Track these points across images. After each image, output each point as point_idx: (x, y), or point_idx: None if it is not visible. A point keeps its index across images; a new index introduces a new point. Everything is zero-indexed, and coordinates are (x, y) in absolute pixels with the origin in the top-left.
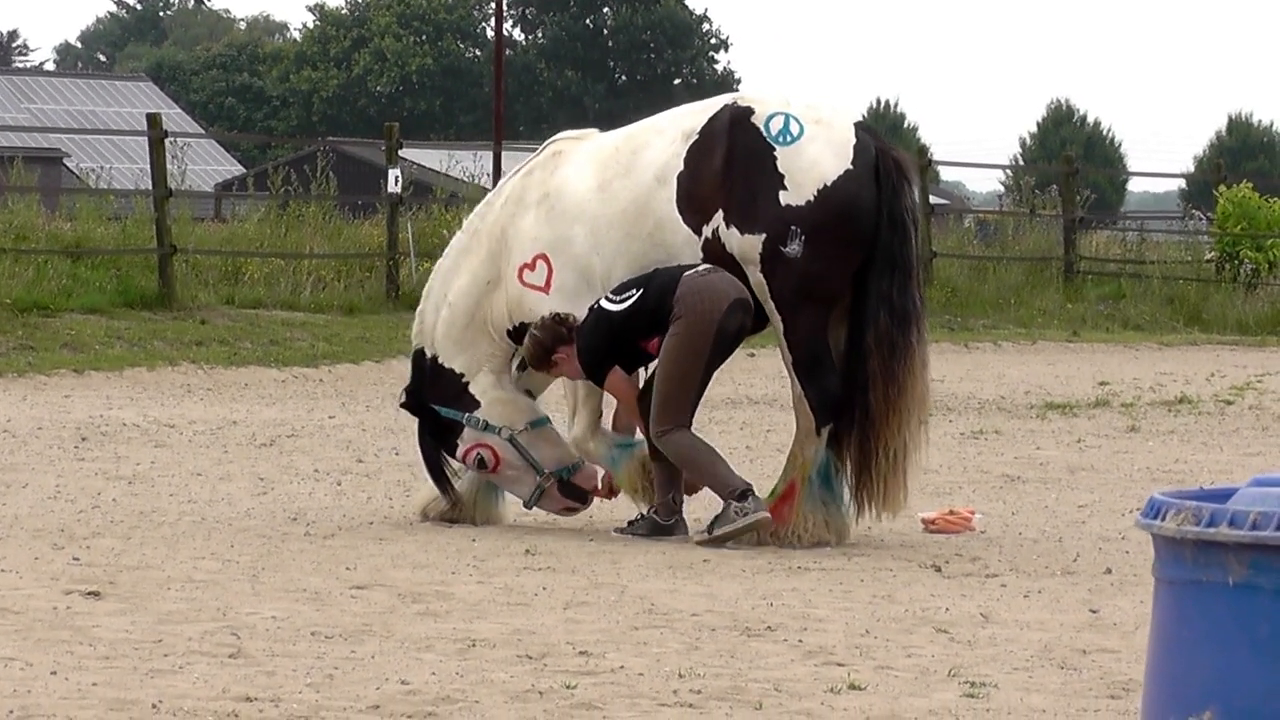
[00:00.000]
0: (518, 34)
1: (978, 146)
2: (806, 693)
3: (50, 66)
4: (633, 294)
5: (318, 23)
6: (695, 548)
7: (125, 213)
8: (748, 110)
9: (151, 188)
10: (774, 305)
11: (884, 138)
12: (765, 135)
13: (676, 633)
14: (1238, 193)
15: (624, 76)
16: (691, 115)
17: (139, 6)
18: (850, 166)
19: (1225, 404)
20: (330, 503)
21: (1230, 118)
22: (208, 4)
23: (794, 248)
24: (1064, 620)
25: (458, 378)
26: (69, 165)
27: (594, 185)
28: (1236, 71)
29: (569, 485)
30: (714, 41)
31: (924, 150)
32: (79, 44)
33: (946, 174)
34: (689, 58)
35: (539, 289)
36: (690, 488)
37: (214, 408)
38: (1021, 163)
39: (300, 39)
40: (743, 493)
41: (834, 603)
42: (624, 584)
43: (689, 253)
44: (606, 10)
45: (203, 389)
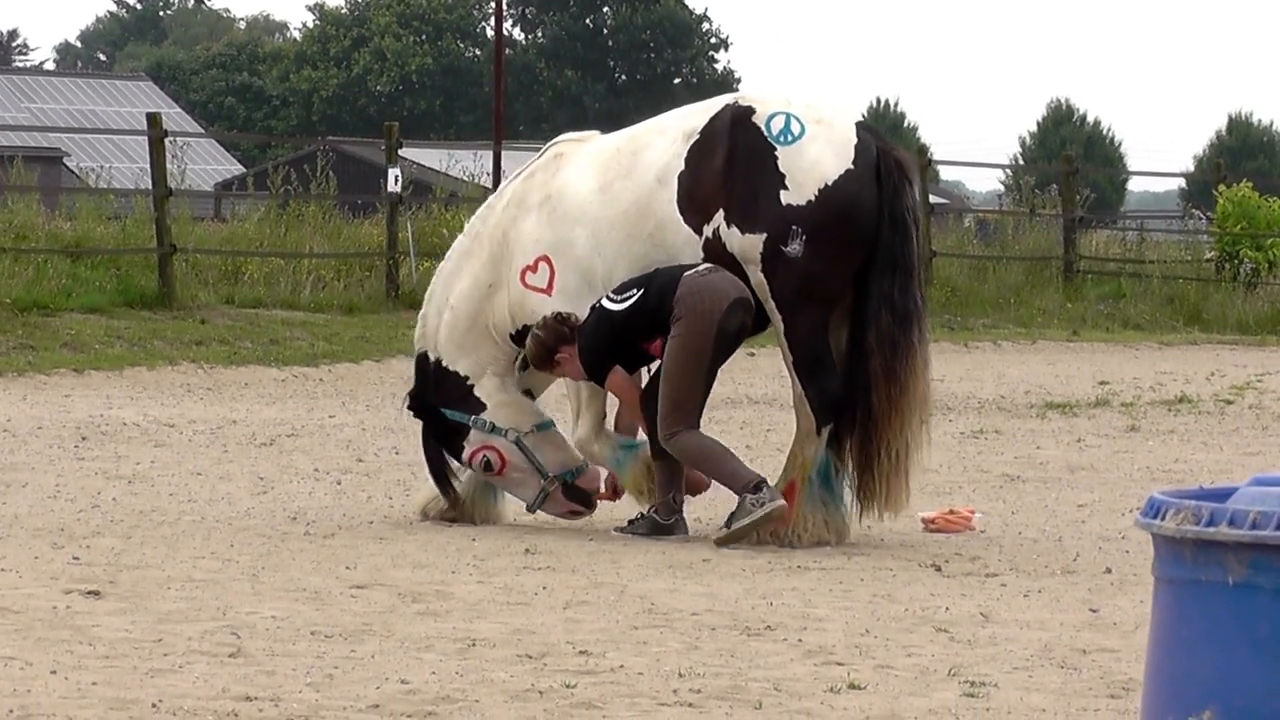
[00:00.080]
0: (517, 33)
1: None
2: (806, 692)
3: (50, 66)
4: (633, 294)
5: (317, 22)
6: (695, 547)
7: (125, 212)
8: (749, 110)
9: (151, 187)
10: (775, 305)
11: (884, 137)
12: (766, 135)
13: (676, 632)
14: (1237, 192)
15: (624, 76)
16: (692, 116)
17: (139, 6)
18: (851, 166)
19: (1225, 403)
20: (330, 502)
21: (1230, 117)
22: (207, 3)
23: (795, 247)
24: (1064, 620)
25: (462, 380)
26: (69, 165)
27: (595, 187)
28: (1236, 71)
29: (573, 489)
30: (714, 41)
31: (924, 150)
32: (79, 43)
33: (946, 173)
34: (689, 57)
35: (541, 291)
36: (694, 489)
37: (214, 407)
38: (1021, 162)
39: (300, 38)
40: (756, 485)
41: (834, 602)
42: (624, 583)
43: (690, 253)
44: (606, 10)
45: (203, 388)
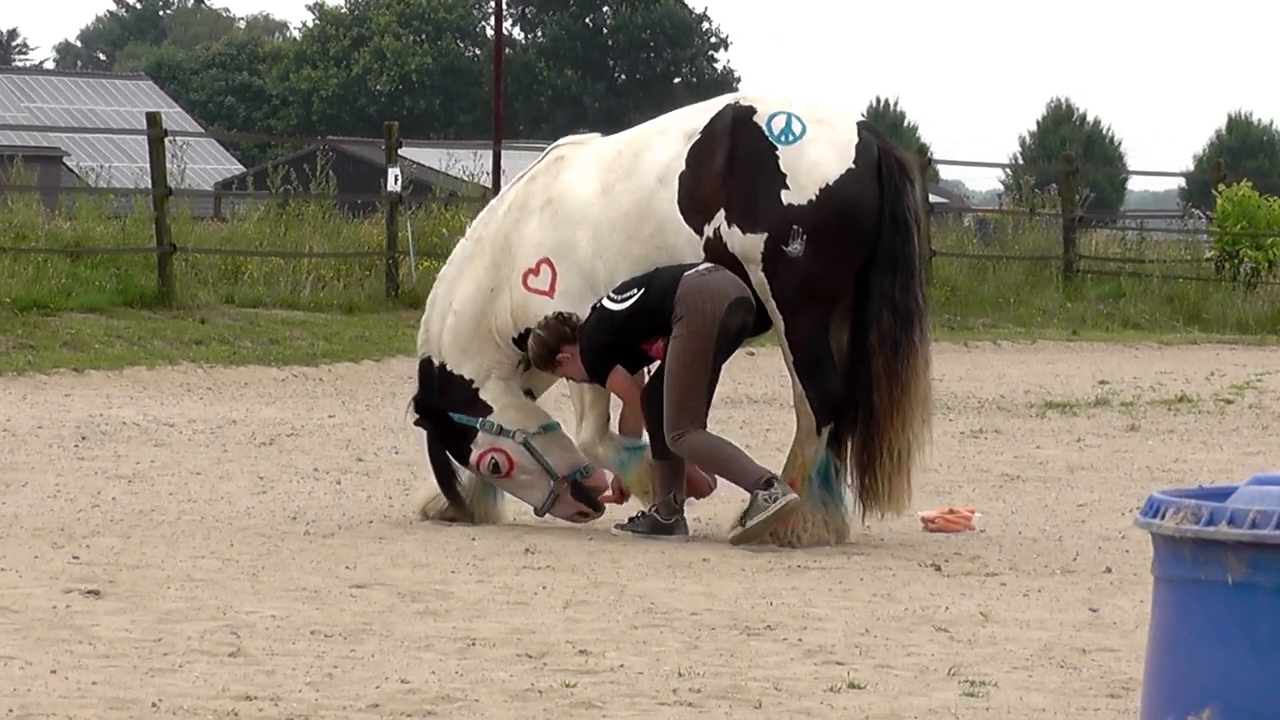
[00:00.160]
0: (517, 33)
1: (977, 145)
2: (806, 692)
3: (50, 65)
4: (634, 293)
5: (317, 22)
6: (695, 547)
7: (125, 212)
8: (750, 110)
9: (151, 187)
10: (776, 305)
11: (885, 137)
12: (767, 135)
13: (676, 632)
14: (1237, 191)
15: (623, 76)
16: (693, 116)
17: (139, 5)
18: (852, 166)
19: (1225, 403)
20: (330, 502)
21: (1230, 116)
22: (207, 3)
23: (796, 247)
24: (1064, 619)
25: (467, 384)
26: (69, 164)
27: (597, 189)
28: (1236, 71)
29: (581, 489)
30: (714, 40)
31: (923, 149)
32: (79, 43)
33: (946, 173)
34: (688, 57)
35: (544, 294)
36: (697, 491)
37: (214, 406)
38: (1021, 162)
39: (300, 38)
40: (768, 480)
41: (833, 602)
42: (623, 583)
43: (691, 253)
44: (606, 9)
45: (202, 388)
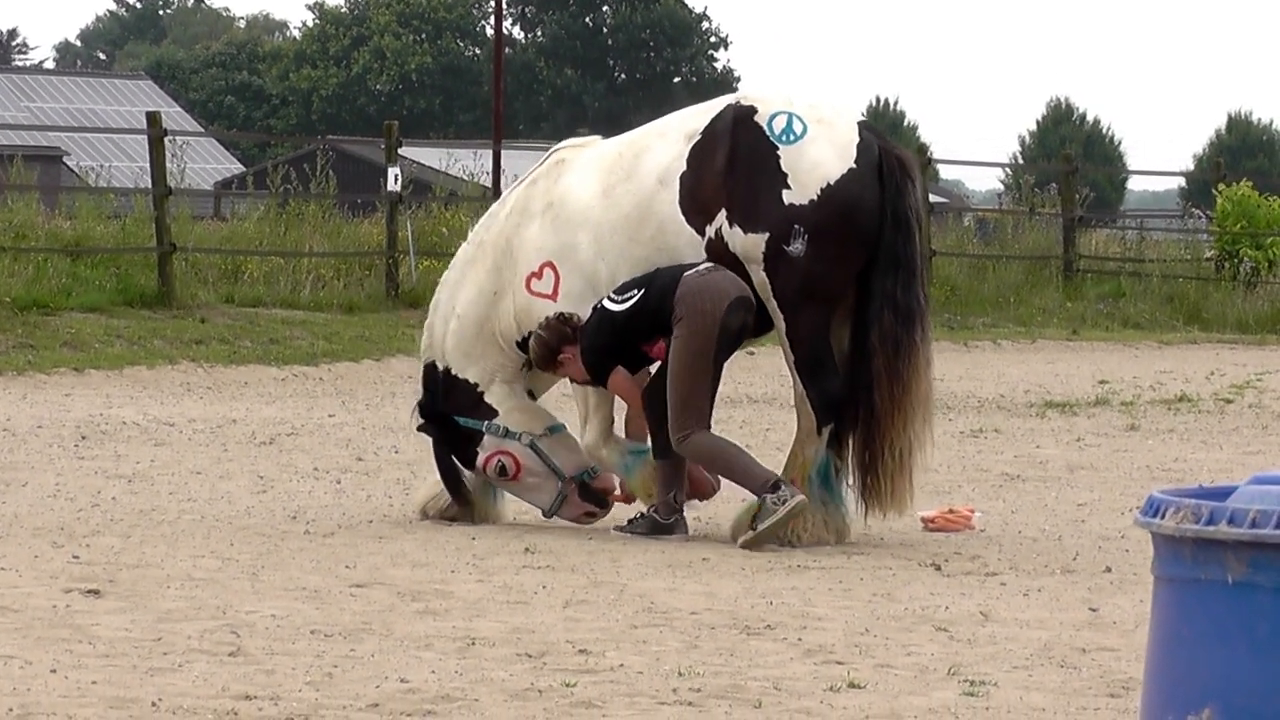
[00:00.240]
0: (517, 32)
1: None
2: (806, 691)
3: (50, 65)
4: (634, 294)
5: (317, 21)
6: (695, 546)
7: (125, 211)
8: (750, 109)
9: (151, 186)
10: (777, 304)
11: (886, 136)
12: (768, 134)
13: (676, 631)
14: (1237, 191)
15: (623, 75)
16: (694, 117)
17: (138, 5)
18: (853, 165)
19: (1225, 402)
20: (330, 501)
21: (1230, 116)
22: (207, 2)
23: (797, 247)
24: (1063, 619)
25: (472, 388)
26: (68, 164)
27: (598, 191)
28: (1236, 70)
29: (589, 490)
30: (713, 40)
31: (923, 148)
32: (78, 42)
33: (946, 172)
34: (688, 56)
35: (547, 297)
36: (700, 491)
37: (214, 406)
38: (1021, 161)
39: (300, 37)
40: (775, 484)
41: (833, 601)
42: (623, 582)
43: (693, 254)
44: (606, 9)
45: (202, 387)
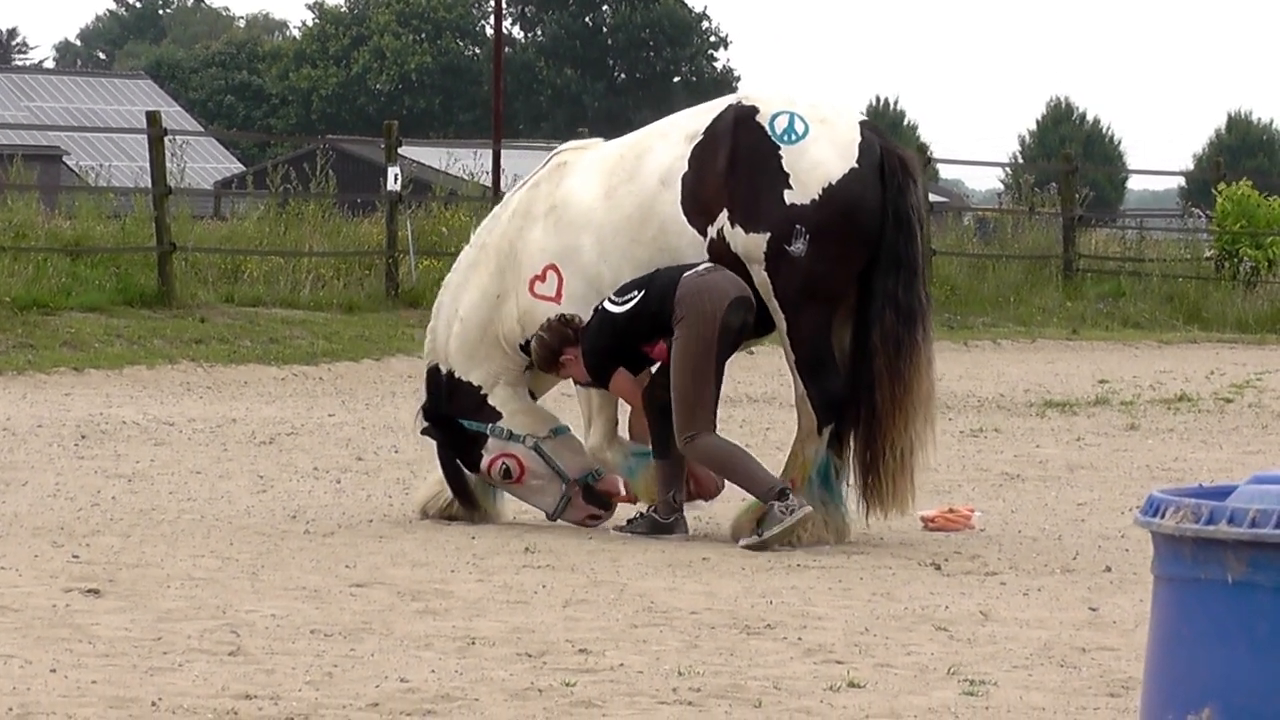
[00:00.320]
0: (517, 32)
1: (977, 144)
2: (806, 691)
3: (50, 64)
4: (634, 295)
5: (317, 21)
6: (695, 546)
7: (124, 211)
8: (752, 110)
9: (151, 186)
10: (778, 304)
11: (888, 136)
12: (770, 134)
13: (676, 631)
14: (1237, 190)
15: (623, 75)
16: (695, 117)
17: (138, 4)
18: (855, 165)
19: (1225, 402)
20: (330, 501)
21: (1230, 115)
22: (207, 2)
23: (798, 246)
24: (1063, 618)
25: (476, 390)
26: (68, 163)
27: (600, 193)
28: (1236, 70)
29: (593, 492)
30: (713, 40)
31: (923, 148)
32: (78, 42)
33: (946, 172)
34: (688, 56)
35: (550, 299)
36: (704, 492)
37: (213, 406)
38: (1021, 160)
39: (299, 37)
40: (781, 491)
41: (833, 601)
42: (623, 582)
43: (695, 254)
44: (606, 8)
45: (202, 387)
